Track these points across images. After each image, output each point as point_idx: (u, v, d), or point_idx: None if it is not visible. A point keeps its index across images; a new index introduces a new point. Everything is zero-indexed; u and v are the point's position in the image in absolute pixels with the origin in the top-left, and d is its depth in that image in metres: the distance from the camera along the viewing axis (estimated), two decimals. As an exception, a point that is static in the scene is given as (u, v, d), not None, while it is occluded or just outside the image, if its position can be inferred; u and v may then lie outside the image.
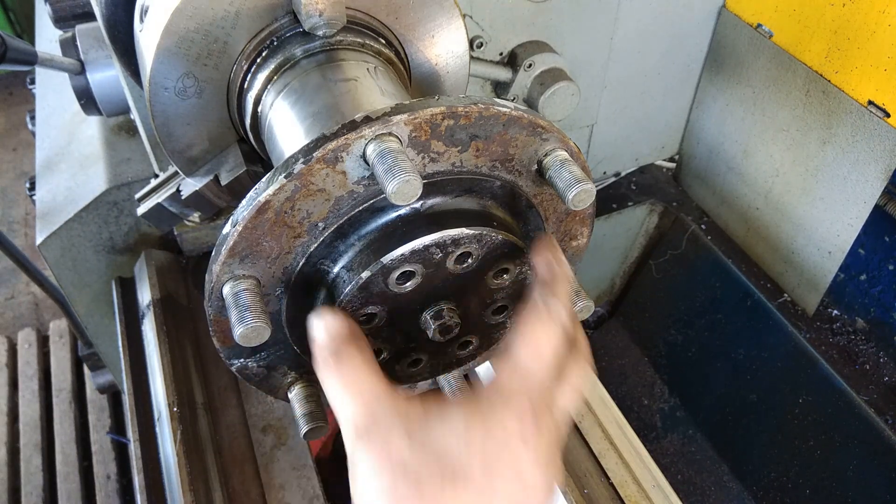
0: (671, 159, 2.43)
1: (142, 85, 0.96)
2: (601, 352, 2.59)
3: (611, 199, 2.35)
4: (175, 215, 1.12)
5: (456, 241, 0.74)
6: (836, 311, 2.13)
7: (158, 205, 1.11)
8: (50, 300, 2.65)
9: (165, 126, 0.92)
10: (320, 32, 0.86)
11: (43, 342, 3.23)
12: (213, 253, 0.72)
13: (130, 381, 1.44)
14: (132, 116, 1.36)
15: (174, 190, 1.09)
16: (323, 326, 0.71)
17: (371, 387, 0.67)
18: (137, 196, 1.18)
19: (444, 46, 0.99)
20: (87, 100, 1.38)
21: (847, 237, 1.88)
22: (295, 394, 0.89)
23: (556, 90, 1.70)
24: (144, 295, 1.55)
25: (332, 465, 2.33)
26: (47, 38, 2.15)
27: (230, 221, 0.70)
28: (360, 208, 0.73)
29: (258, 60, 0.89)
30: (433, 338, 0.80)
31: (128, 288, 1.64)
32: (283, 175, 0.67)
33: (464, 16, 0.97)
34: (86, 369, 2.94)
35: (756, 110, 2.01)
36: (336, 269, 0.75)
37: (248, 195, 0.69)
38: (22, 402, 2.99)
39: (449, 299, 0.80)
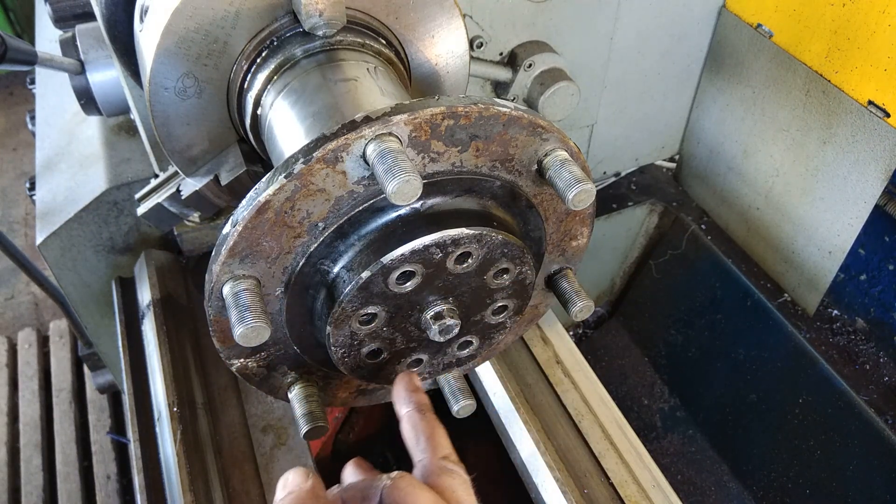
0: (671, 159, 2.43)
1: (142, 85, 0.96)
2: (601, 352, 2.59)
3: (611, 199, 2.35)
4: (175, 215, 1.12)
5: (456, 241, 0.74)
6: (836, 311, 2.13)
7: (158, 205, 1.11)
8: (50, 300, 2.65)
9: (165, 126, 0.92)
10: (320, 32, 0.86)
11: (43, 342, 3.23)
12: (213, 253, 0.72)
13: (130, 381, 1.44)
14: (132, 116, 1.35)
15: (174, 190, 1.09)
16: (283, 483, 0.75)
17: None
18: (137, 196, 1.18)
19: (444, 46, 0.99)
20: (87, 100, 1.38)
21: (847, 237, 1.88)
22: (295, 394, 0.89)
23: (556, 90, 1.70)
24: (144, 295, 1.55)
25: (332, 465, 2.33)
26: (47, 38, 2.14)
27: (230, 221, 0.70)
28: (360, 208, 0.73)
29: (258, 60, 0.89)
30: (433, 338, 0.80)
31: (128, 288, 1.64)
32: (283, 175, 0.67)
33: (464, 16, 0.97)
34: (86, 369, 2.94)
35: (756, 110, 2.01)
36: (336, 269, 0.75)
37: (248, 195, 0.69)
38: (22, 402, 2.99)
39: (449, 299, 0.80)
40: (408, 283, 0.75)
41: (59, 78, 1.94)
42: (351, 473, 0.86)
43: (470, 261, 0.77)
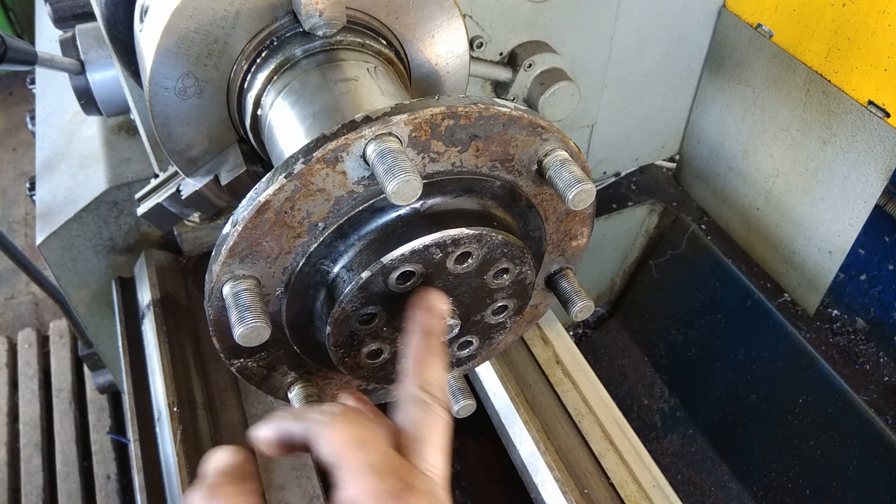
0: (671, 159, 2.43)
1: (142, 85, 0.96)
2: (601, 352, 2.59)
3: (611, 199, 2.35)
4: (175, 215, 1.12)
5: (456, 241, 0.74)
6: (836, 311, 2.13)
7: (158, 205, 1.11)
8: (50, 300, 2.65)
9: (165, 126, 0.92)
10: (320, 32, 0.86)
11: (43, 342, 3.23)
12: (213, 253, 0.72)
13: (130, 381, 1.44)
14: (132, 116, 1.36)
15: (174, 190, 1.09)
16: (211, 461, 0.68)
17: None
18: (137, 196, 1.18)
19: (444, 46, 0.99)
20: (87, 100, 1.38)
21: (847, 237, 1.88)
22: (295, 394, 0.89)
23: (556, 90, 1.70)
24: (144, 295, 1.55)
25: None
26: (47, 38, 2.15)
27: (230, 221, 0.70)
28: (360, 208, 0.73)
29: (258, 60, 0.89)
30: (433, 338, 0.80)
31: (128, 288, 1.64)
32: (283, 175, 0.67)
33: (464, 16, 0.97)
34: (86, 369, 2.94)
35: (756, 110, 2.01)
36: (336, 269, 0.75)
37: (248, 195, 0.69)
38: (22, 402, 2.99)
39: (449, 299, 0.80)
40: (408, 283, 0.75)
41: (59, 78, 1.94)
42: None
43: (470, 261, 0.77)
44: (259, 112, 0.91)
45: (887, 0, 1.56)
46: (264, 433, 0.69)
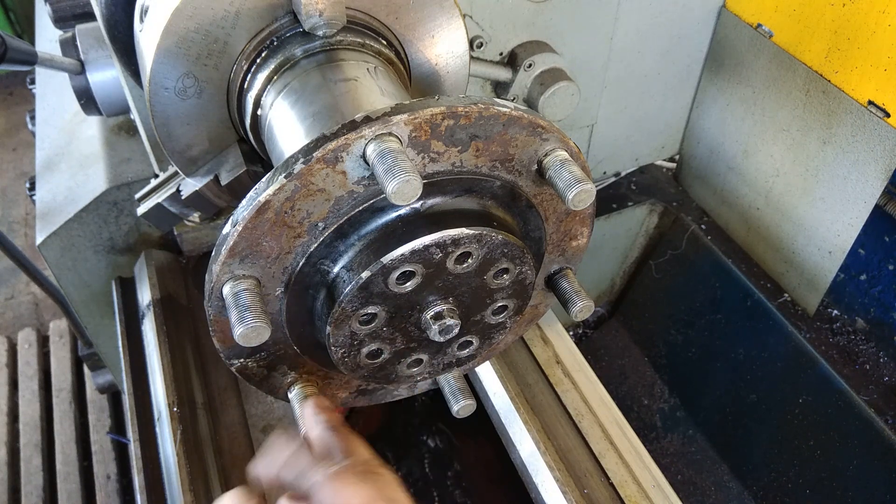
0: (671, 159, 2.43)
1: (142, 85, 0.96)
2: (601, 352, 2.59)
3: (611, 199, 2.35)
4: (175, 215, 1.12)
5: (456, 241, 0.74)
6: (836, 311, 2.13)
7: (158, 205, 1.11)
8: (50, 300, 2.65)
9: (165, 126, 0.92)
10: (320, 32, 0.86)
11: (43, 342, 3.23)
12: (213, 253, 0.72)
13: (130, 381, 1.44)
14: (132, 116, 1.36)
15: (174, 190, 1.09)
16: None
17: None
18: (137, 196, 1.18)
19: (444, 46, 0.99)
20: (87, 100, 1.38)
21: (847, 237, 1.88)
22: (295, 394, 0.89)
23: (556, 90, 1.70)
24: (144, 295, 1.55)
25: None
26: (47, 38, 2.15)
27: (230, 221, 0.70)
28: (360, 208, 0.73)
29: (258, 60, 0.89)
30: (433, 338, 0.80)
31: (128, 288, 1.64)
32: (283, 175, 0.67)
33: (464, 16, 0.97)
34: (86, 369, 2.94)
35: (756, 110, 2.01)
36: (336, 269, 0.75)
37: (248, 195, 0.69)
38: (22, 402, 2.99)
39: (449, 299, 0.80)
40: (408, 283, 0.75)
41: (59, 78, 1.94)
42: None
43: (470, 261, 0.77)
44: (259, 112, 0.91)
45: (887, 0, 1.56)
46: (264, 470, 0.77)
